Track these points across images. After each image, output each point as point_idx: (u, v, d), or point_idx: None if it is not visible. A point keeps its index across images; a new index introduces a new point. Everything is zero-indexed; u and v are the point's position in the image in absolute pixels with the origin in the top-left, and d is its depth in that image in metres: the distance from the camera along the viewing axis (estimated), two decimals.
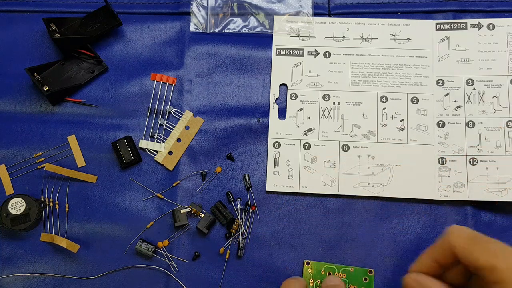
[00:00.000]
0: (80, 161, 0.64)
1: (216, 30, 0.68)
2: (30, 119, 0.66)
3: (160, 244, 0.62)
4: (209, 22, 0.68)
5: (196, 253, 0.62)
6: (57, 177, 0.64)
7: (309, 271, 0.61)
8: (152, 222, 0.63)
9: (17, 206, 0.62)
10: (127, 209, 0.63)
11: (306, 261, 0.61)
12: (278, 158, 0.64)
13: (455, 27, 0.67)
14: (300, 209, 0.63)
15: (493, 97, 0.64)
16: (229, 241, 0.62)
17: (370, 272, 0.60)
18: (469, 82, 0.65)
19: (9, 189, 0.64)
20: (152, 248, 0.61)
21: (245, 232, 0.62)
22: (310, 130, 0.65)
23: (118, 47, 0.68)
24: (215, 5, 0.68)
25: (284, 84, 0.66)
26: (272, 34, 0.68)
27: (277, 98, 0.66)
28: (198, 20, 0.68)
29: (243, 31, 0.68)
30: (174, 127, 0.65)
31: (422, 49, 0.66)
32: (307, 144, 0.64)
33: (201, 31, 0.68)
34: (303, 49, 0.67)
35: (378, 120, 0.65)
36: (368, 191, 0.63)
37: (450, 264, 0.52)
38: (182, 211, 0.62)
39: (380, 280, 0.61)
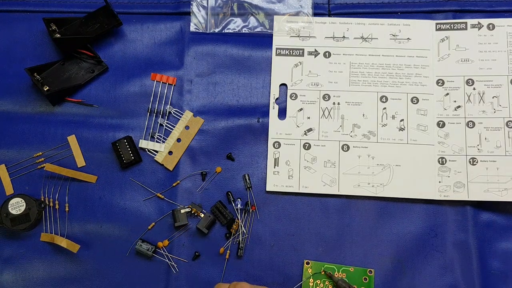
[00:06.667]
0: (80, 161, 0.64)
1: (216, 30, 0.68)
2: (30, 119, 0.66)
3: (160, 244, 0.62)
4: (209, 22, 0.68)
5: (196, 253, 0.62)
6: (57, 177, 0.64)
7: (309, 271, 0.61)
8: (153, 224, 0.63)
9: (17, 206, 0.62)
10: (127, 209, 0.63)
11: (306, 261, 0.61)
12: (278, 158, 0.64)
13: (455, 27, 0.67)
14: (300, 209, 0.63)
15: (493, 97, 0.64)
16: (229, 241, 0.62)
17: (370, 272, 0.60)
18: (469, 82, 0.65)
19: (9, 189, 0.64)
20: (152, 248, 0.61)
21: (245, 232, 0.62)
22: (310, 130, 0.65)
23: (118, 47, 0.68)
24: (215, 5, 0.68)
25: (284, 84, 0.66)
26: (272, 34, 0.68)
27: (277, 98, 0.66)
28: (198, 20, 0.68)
29: (243, 31, 0.68)
30: (174, 127, 0.65)
31: (422, 49, 0.66)
32: (307, 144, 0.64)
33: (201, 31, 0.68)
34: (303, 49, 0.67)
35: (378, 120, 0.65)
36: (368, 191, 0.63)
37: None
38: (182, 211, 0.62)
39: (380, 280, 0.61)
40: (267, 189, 0.63)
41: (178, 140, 0.65)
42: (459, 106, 0.64)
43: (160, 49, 0.68)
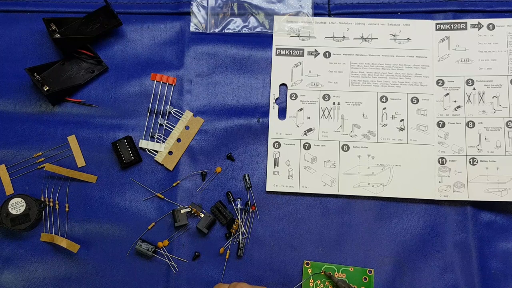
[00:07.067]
0: (80, 161, 0.64)
1: (216, 30, 0.68)
2: (30, 119, 0.66)
3: (160, 244, 0.62)
4: (209, 22, 0.68)
5: (196, 253, 0.62)
6: (57, 177, 0.64)
7: (309, 272, 0.61)
8: (153, 223, 0.63)
9: (17, 206, 0.62)
10: (127, 209, 0.63)
11: (306, 261, 0.61)
12: (278, 158, 0.64)
13: (455, 27, 0.67)
14: (300, 209, 0.63)
15: (493, 97, 0.64)
16: (229, 241, 0.62)
17: (370, 271, 0.60)
18: (469, 82, 0.65)
19: (9, 189, 0.64)
20: (152, 248, 0.61)
21: (245, 232, 0.62)
22: (310, 130, 0.65)
23: (118, 47, 0.68)
24: (215, 5, 0.68)
25: (284, 84, 0.66)
26: (272, 34, 0.68)
27: (277, 98, 0.66)
28: (198, 20, 0.68)
29: (243, 31, 0.68)
30: (174, 127, 0.65)
31: (422, 49, 0.66)
32: (307, 144, 0.64)
33: (201, 31, 0.68)
34: (303, 49, 0.67)
35: (378, 120, 0.65)
36: (368, 191, 0.63)
37: None
38: (182, 211, 0.62)
39: (380, 280, 0.61)
40: (267, 189, 0.63)
41: (178, 140, 0.65)
42: (459, 106, 0.64)
43: (160, 49, 0.68)
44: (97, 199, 0.63)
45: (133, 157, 0.63)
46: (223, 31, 0.68)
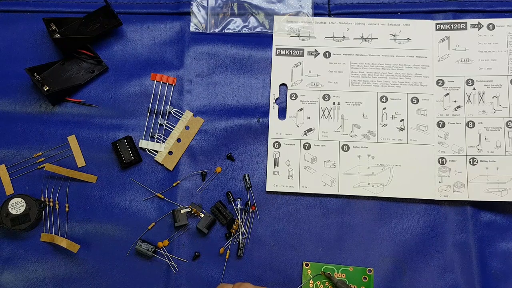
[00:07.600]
0: (80, 161, 0.64)
1: (216, 30, 0.68)
2: (30, 119, 0.66)
3: (160, 244, 0.62)
4: (209, 22, 0.68)
5: (196, 253, 0.62)
6: (57, 177, 0.64)
7: (309, 273, 0.61)
8: (153, 224, 0.63)
9: (17, 206, 0.62)
10: (127, 209, 0.63)
11: (305, 262, 0.61)
12: (278, 158, 0.64)
13: (455, 27, 0.67)
14: (300, 209, 0.63)
15: (493, 97, 0.64)
16: (229, 241, 0.62)
17: (369, 271, 0.60)
18: (469, 82, 0.65)
19: (9, 189, 0.64)
20: (152, 248, 0.61)
21: (245, 232, 0.62)
22: (310, 130, 0.65)
23: (118, 47, 0.68)
24: (215, 5, 0.68)
25: (284, 84, 0.66)
26: (272, 34, 0.68)
27: (277, 98, 0.66)
28: (198, 20, 0.68)
29: (243, 31, 0.68)
30: (174, 127, 0.65)
31: (422, 49, 0.66)
32: (307, 144, 0.64)
33: (201, 31, 0.68)
34: (303, 49, 0.67)
35: (378, 120, 0.65)
36: (368, 191, 0.63)
37: None
38: (182, 211, 0.62)
39: (380, 280, 0.61)
40: (267, 189, 0.63)
41: (178, 140, 0.65)
42: (459, 106, 0.64)
43: (160, 49, 0.68)
44: (97, 199, 0.63)
45: (133, 157, 0.64)
46: (223, 31, 0.68)
